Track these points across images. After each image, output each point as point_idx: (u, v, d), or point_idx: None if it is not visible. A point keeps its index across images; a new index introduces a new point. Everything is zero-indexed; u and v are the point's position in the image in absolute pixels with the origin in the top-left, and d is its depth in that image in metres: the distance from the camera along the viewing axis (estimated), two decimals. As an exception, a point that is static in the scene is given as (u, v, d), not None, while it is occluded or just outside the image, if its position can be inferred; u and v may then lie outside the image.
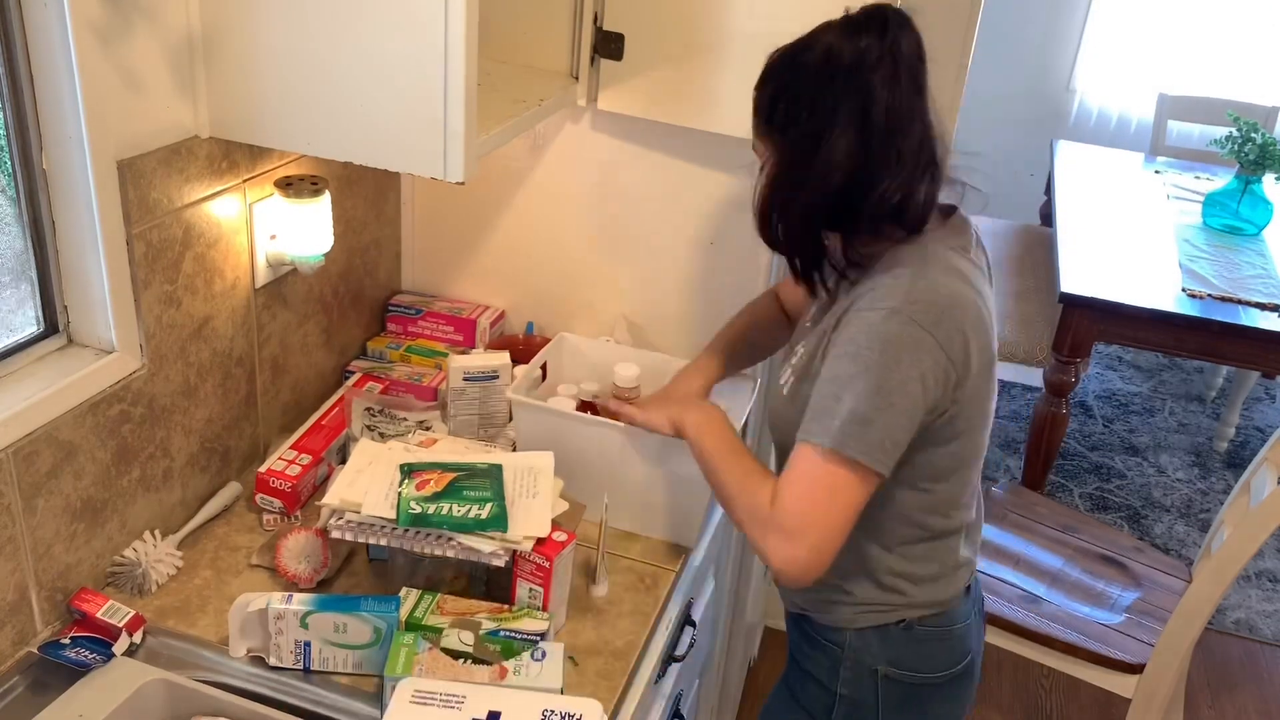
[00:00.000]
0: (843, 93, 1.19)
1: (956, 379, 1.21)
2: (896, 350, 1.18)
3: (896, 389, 1.18)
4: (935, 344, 1.18)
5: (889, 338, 1.18)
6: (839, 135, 1.19)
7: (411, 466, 1.37)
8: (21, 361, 1.28)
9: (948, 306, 1.20)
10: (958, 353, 1.20)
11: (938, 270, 1.23)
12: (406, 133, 1.30)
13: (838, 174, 1.20)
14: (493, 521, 1.31)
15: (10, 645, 1.25)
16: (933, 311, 1.19)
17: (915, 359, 1.18)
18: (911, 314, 1.18)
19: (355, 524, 1.31)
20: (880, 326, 1.19)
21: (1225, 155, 3.23)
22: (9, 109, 1.21)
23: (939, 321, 1.19)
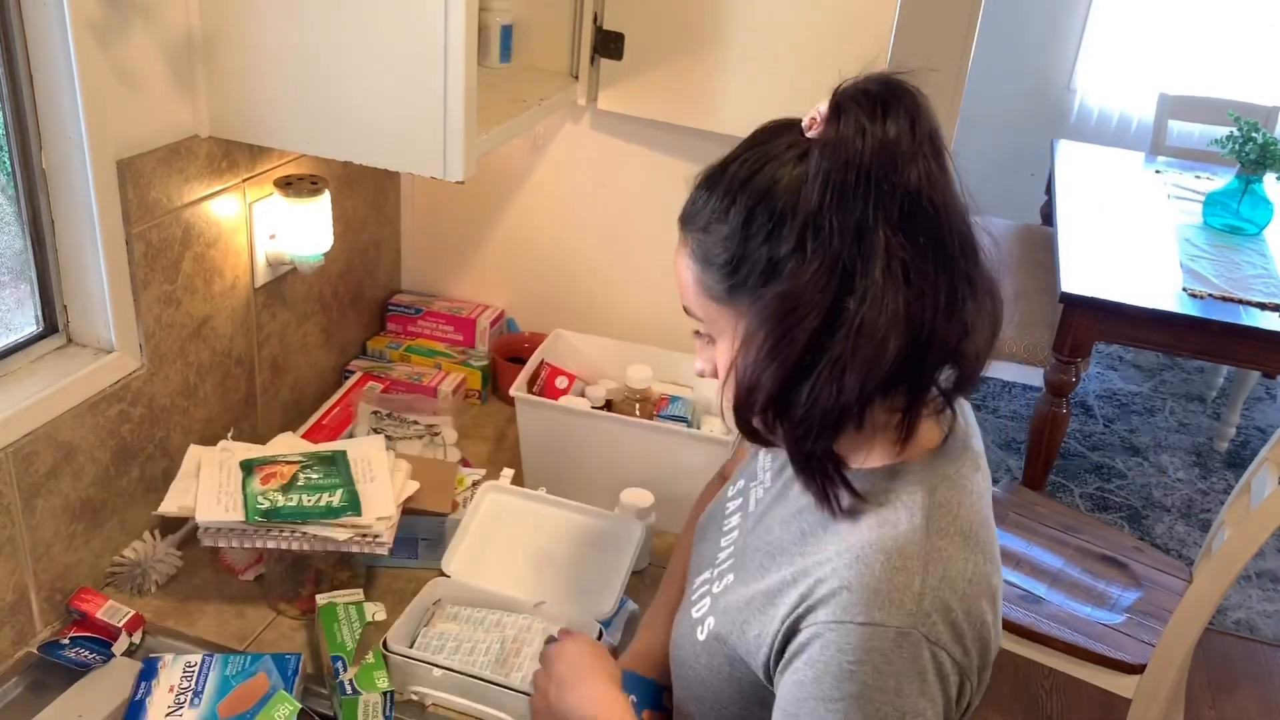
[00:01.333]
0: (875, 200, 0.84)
1: (970, 684, 0.89)
2: (918, 685, 0.84)
3: None
4: (955, 666, 0.86)
5: (904, 677, 0.84)
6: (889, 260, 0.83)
7: (253, 462, 1.36)
8: (21, 361, 1.28)
9: (967, 606, 0.87)
10: (975, 658, 0.89)
11: (950, 540, 0.89)
12: (406, 132, 1.30)
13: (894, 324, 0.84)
14: (346, 506, 1.30)
15: (10, 645, 1.25)
16: (954, 618, 0.86)
17: (937, 690, 0.85)
18: (932, 634, 0.84)
19: (214, 529, 1.28)
20: (893, 660, 0.84)
21: (1226, 155, 3.23)
22: (9, 109, 1.21)
23: (962, 632, 0.86)
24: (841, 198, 0.84)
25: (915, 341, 0.85)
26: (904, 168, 0.84)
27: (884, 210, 0.84)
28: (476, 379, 1.88)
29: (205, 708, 1.21)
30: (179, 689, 1.23)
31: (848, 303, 0.84)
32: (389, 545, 1.31)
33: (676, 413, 1.63)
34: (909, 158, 0.84)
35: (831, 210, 0.84)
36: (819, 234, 0.84)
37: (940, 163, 0.86)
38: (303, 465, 1.37)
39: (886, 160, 0.83)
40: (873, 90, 0.85)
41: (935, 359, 0.88)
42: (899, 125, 0.84)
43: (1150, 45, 4.41)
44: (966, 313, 0.89)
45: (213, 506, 1.29)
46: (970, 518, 0.91)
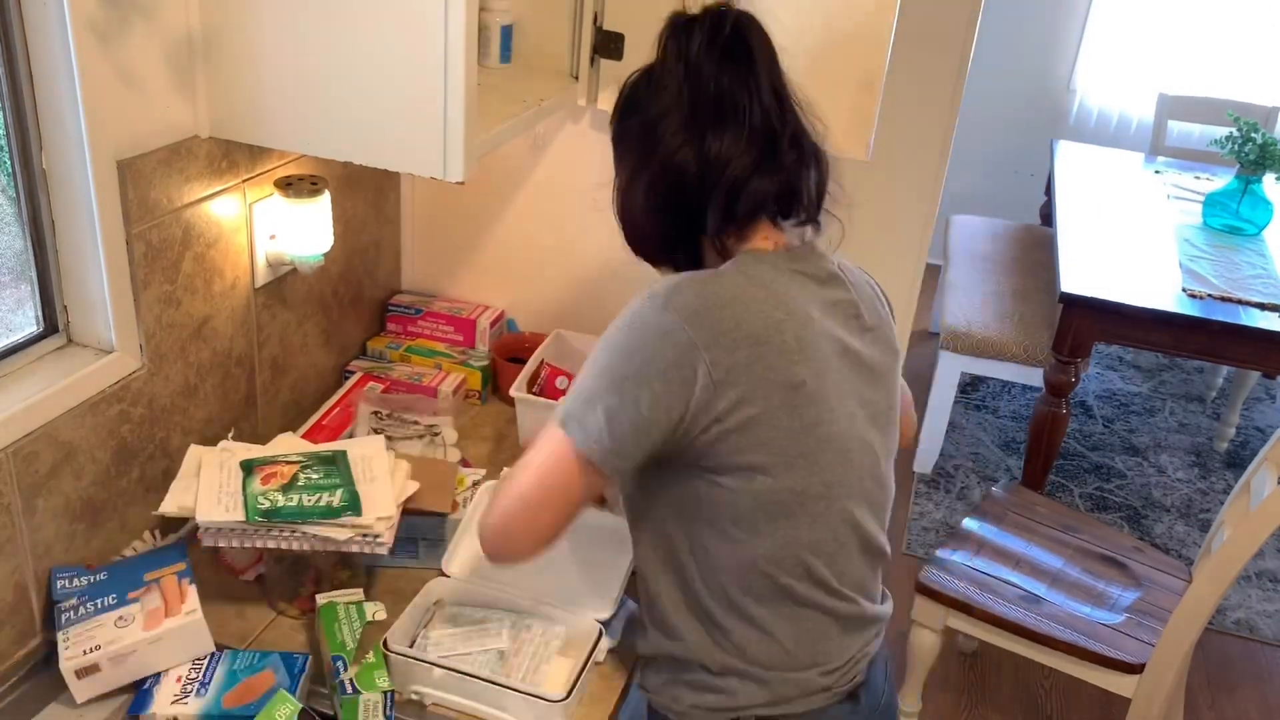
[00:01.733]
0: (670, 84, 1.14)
1: (715, 384, 1.06)
2: (642, 334, 1.08)
3: (629, 375, 1.07)
4: (689, 340, 1.06)
5: (639, 321, 1.09)
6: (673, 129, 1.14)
7: (253, 462, 1.37)
8: (21, 361, 1.28)
9: (716, 304, 1.09)
10: (720, 354, 1.06)
11: (730, 275, 1.13)
12: (406, 133, 1.30)
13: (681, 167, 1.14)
14: (345, 507, 1.31)
15: (10, 645, 1.25)
16: (697, 303, 1.08)
17: (660, 349, 1.07)
18: (672, 302, 1.08)
19: (214, 529, 1.29)
20: (637, 308, 1.10)
21: (1225, 155, 3.23)
22: (9, 109, 1.21)
23: (701, 315, 1.08)
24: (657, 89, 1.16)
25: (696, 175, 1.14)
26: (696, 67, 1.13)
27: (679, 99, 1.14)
28: (476, 379, 1.88)
29: (210, 698, 1.21)
30: (186, 679, 1.23)
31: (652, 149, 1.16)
32: (389, 545, 1.31)
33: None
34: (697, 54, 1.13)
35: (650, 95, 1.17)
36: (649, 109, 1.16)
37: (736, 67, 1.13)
38: (303, 465, 1.37)
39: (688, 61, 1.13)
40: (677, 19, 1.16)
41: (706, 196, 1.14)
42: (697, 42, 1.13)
43: (1150, 45, 4.42)
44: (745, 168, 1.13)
45: (213, 506, 1.29)
46: (767, 277, 1.14)
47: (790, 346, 1.09)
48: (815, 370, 1.11)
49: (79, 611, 1.25)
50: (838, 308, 1.18)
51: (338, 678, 1.21)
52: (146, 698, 1.21)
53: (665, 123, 1.14)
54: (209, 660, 1.26)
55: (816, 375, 1.11)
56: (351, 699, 1.19)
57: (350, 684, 1.20)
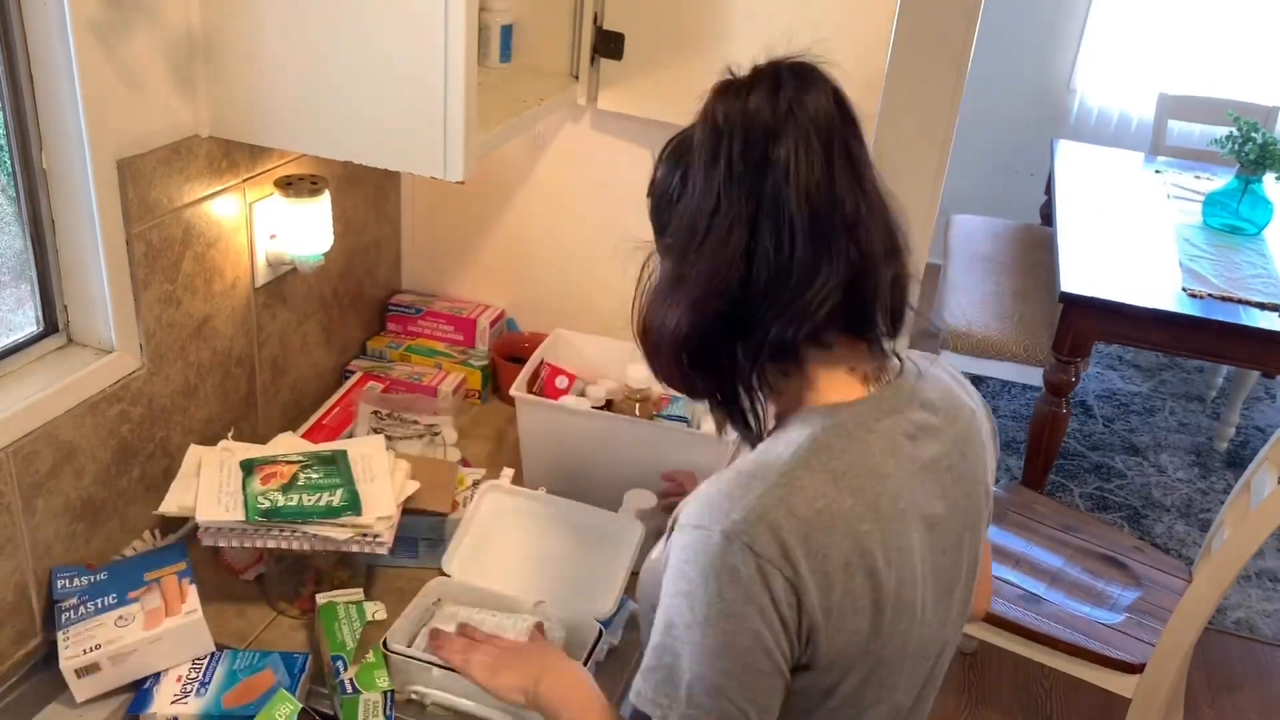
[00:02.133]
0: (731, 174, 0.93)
1: (813, 626, 0.92)
2: (740, 599, 0.89)
3: (749, 647, 0.90)
4: (788, 586, 0.90)
5: (729, 580, 0.89)
6: (730, 226, 0.93)
7: (253, 462, 1.37)
8: (21, 361, 1.28)
9: (806, 534, 0.90)
10: (815, 594, 0.90)
11: (814, 475, 0.93)
12: (406, 132, 1.30)
13: (730, 273, 0.93)
14: (345, 506, 1.30)
15: (10, 645, 1.25)
16: (780, 538, 0.89)
17: (762, 607, 0.89)
18: (756, 544, 0.89)
19: (214, 529, 1.29)
20: (714, 558, 0.90)
21: (1225, 155, 3.23)
22: (9, 109, 1.21)
23: (789, 554, 0.89)
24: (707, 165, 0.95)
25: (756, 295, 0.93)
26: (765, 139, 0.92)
27: (741, 177, 0.93)
28: (476, 379, 1.88)
29: (210, 698, 1.21)
30: (186, 679, 1.23)
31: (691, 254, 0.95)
32: (389, 545, 1.32)
33: (677, 412, 1.63)
34: (772, 131, 0.92)
35: (699, 176, 0.95)
36: (680, 194, 0.97)
37: (806, 139, 0.92)
38: (303, 465, 1.37)
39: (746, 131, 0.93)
40: (736, 76, 0.97)
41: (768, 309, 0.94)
42: (759, 100, 0.93)
43: (1150, 45, 4.41)
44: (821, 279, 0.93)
45: (213, 506, 1.29)
46: (854, 464, 0.94)
47: (879, 566, 0.93)
48: (902, 578, 0.96)
49: (79, 611, 1.25)
50: (929, 470, 1.00)
51: (338, 677, 1.21)
52: (146, 697, 1.21)
53: (719, 210, 0.94)
54: (209, 660, 1.26)
55: (902, 583, 0.96)
56: (351, 699, 1.19)
57: (350, 684, 1.20)
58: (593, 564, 1.43)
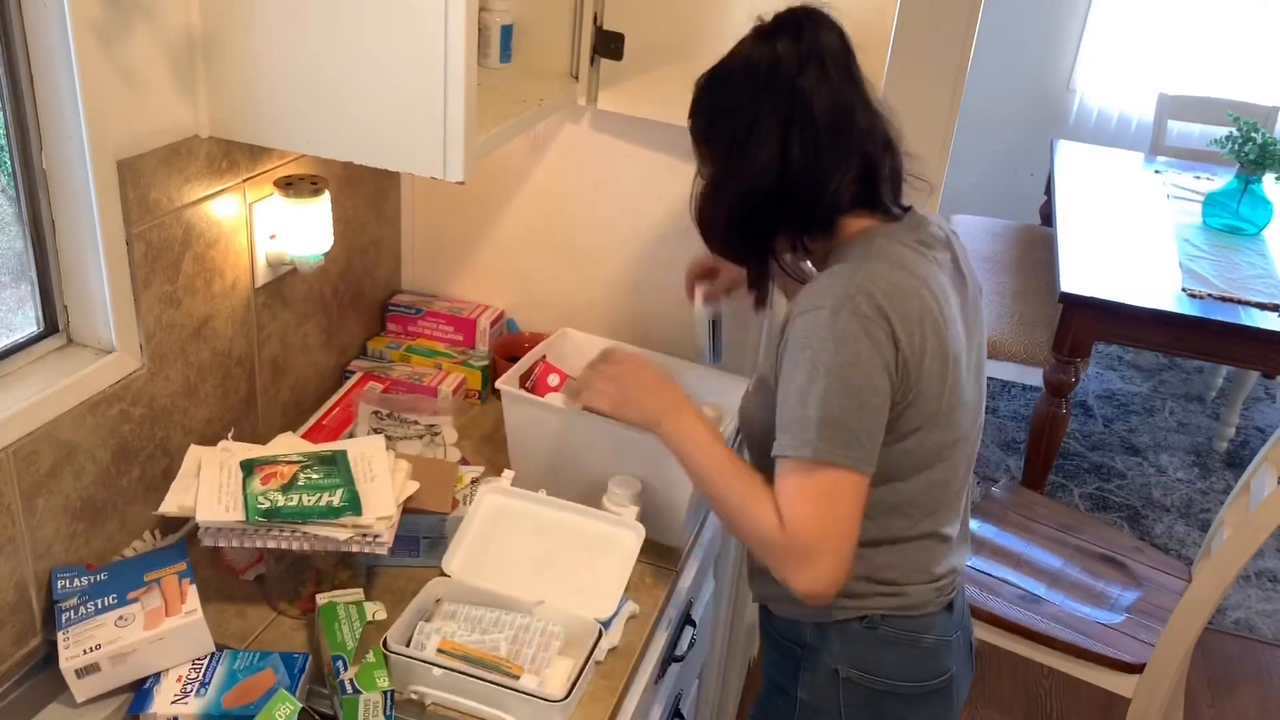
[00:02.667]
0: (766, 98, 1.22)
1: (908, 368, 1.19)
2: (852, 345, 1.16)
3: (861, 385, 1.17)
4: (886, 333, 1.17)
5: (840, 335, 1.17)
6: (766, 139, 1.22)
7: (253, 462, 1.36)
8: (21, 361, 1.28)
9: (890, 295, 1.19)
10: (906, 341, 1.18)
11: (879, 263, 1.22)
12: (406, 133, 1.30)
13: (767, 175, 1.22)
14: (346, 507, 1.30)
15: (10, 645, 1.25)
16: (874, 300, 1.18)
17: (872, 350, 1.17)
18: (855, 307, 1.17)
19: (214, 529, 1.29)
20: (829, 325, 1.17)
21: (1225, 155, 3.23)
22: (9, 109, 1.21)
23: (883, 310, 1.17)
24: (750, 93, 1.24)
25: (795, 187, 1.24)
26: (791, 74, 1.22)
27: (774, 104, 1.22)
28: (476, 379, 1.88)
29: (211, 698, 1.21)
30: (186, 679, 1.23)
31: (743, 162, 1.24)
32: (389, 545, 1.32)
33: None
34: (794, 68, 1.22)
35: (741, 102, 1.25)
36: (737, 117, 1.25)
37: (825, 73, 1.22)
38: (303, 465, 1.37)
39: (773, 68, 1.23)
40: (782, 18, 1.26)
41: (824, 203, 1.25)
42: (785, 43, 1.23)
43: (1150, 45, 4.42)
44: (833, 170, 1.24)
45: (213, 506, 1.29)
46: (904, 257, 1.24)
47: (940, 325, 1.22)
48: (956, 341, 1.25)
49: (79, 611, 1.25)
50: (954, 272, 1.30)
51: (338, 678, 1.21)
52: (146, 697, 1.21)
53: (757, 126, 1.22)
54: (209, 660, 1.26)
55: (956, 345, 1.25)
56: (351, 699, 1.19)
57: (350, 684, 1.20)
58: (593, 565, 1.42)
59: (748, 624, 2.35)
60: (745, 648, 2.42)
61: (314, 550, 1.31)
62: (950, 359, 1.23)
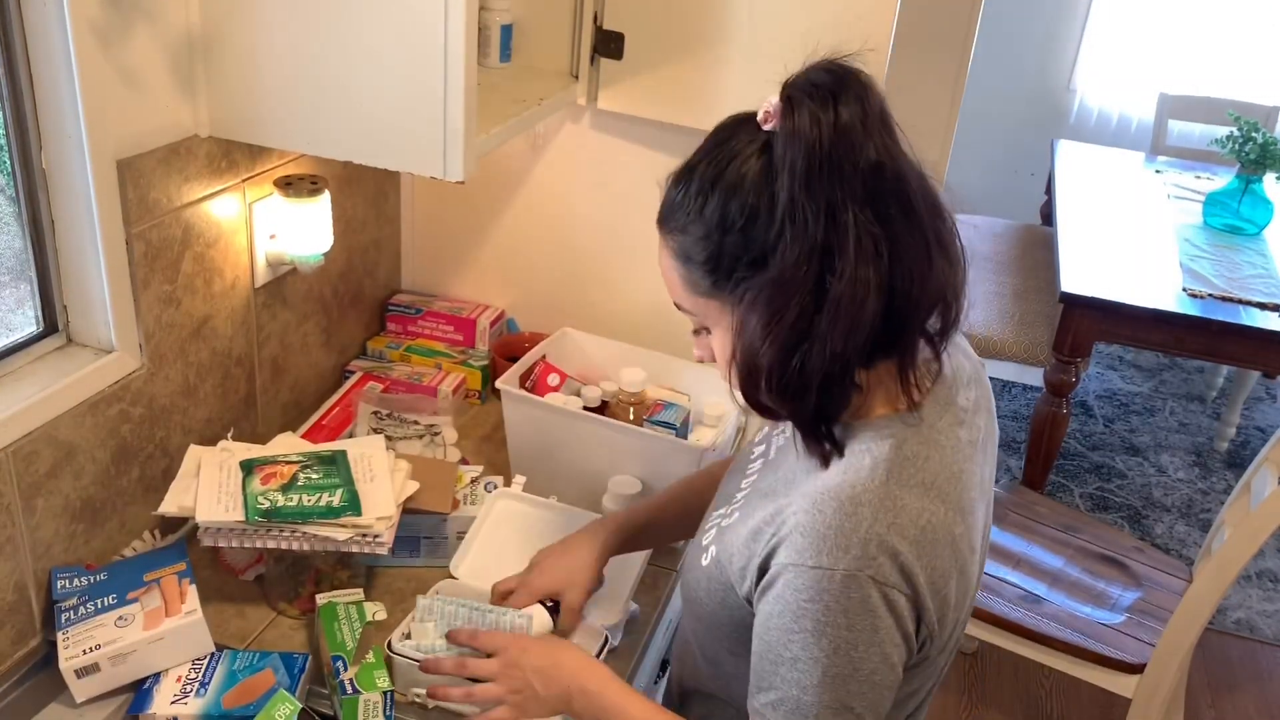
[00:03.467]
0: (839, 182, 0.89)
1: (928, 631, 0.97)
2: (868, 620, 0.92)
3: (875, 665, 0.93)
4: (909, 599, 0.93)
5: (855, 609, 0.92)
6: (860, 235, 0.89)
7: (253, 462, 1.36)
8: (21, 361, 1.28)
9: (919, 548, 0.93)
10: (931, 602, 0.95)
11: (910, 492, 0.94)
12: (406, 132, 1.30)
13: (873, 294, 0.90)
14: (346, 506, 1.30)
15: (10, 645, 1.25)
16: (899, 560, 0.92)
17: (891, 624, 0.93)
18: (876, 572, 0.91)
19: (214, 529, 1.28)
20: (841, 594, 0.91)
21: (1226, 155, 3.23)
22: (9, 109, 1.21)
23: (909, 573, 0.93)
24: (809, 185, 0.89)
25: (891, 305, 0.92)
26: (861, 147, 0.90)
27: (849, 190, 0.90)
28: (476, 379, 1.88)
29: (210, 698, 1.21)
30: (186, 679, 1.23)
31: (828, 281, 0.90)
32: (389, 545, 1.31)
33: (667, 419, 1.62)
34: (864, 137, 0.90)
35: (801, 198, 0.90)
36: (794, 222, 0.90)
37: (892, 135, 0.93)
38: (303, 465, 1.37)
39: (845, 143, 0.89)
40: (820, 80, 0.92)
41: (915, 317, 0.95)
42: (850, 109, 0.90)
43: (1150, 45, 4.41)
44: (937, 270, 0.94)
45: (213, 506, 1.29)
46: (937, 471, 0.97)
47: (968, 563, 0.99)
48: (978, 557, 1.03)
49: (79, 611, 1.25)
50: (980, 448, 1.05)
51: (338, 678, 1.21)
52: (146, 698, 1.21)
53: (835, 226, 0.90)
54: (209, 660, 1.26)
55: (974, 553, 1.02)
56: (351, 699, 1.19)
57: (350, 684, 1.20)
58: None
59: (748, 624, 2.34)
60: (745, 648, 2.41)
61: (314, 550, 1.31)
62: (971, 591, 1.03)
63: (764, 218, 0.92)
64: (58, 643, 1.22)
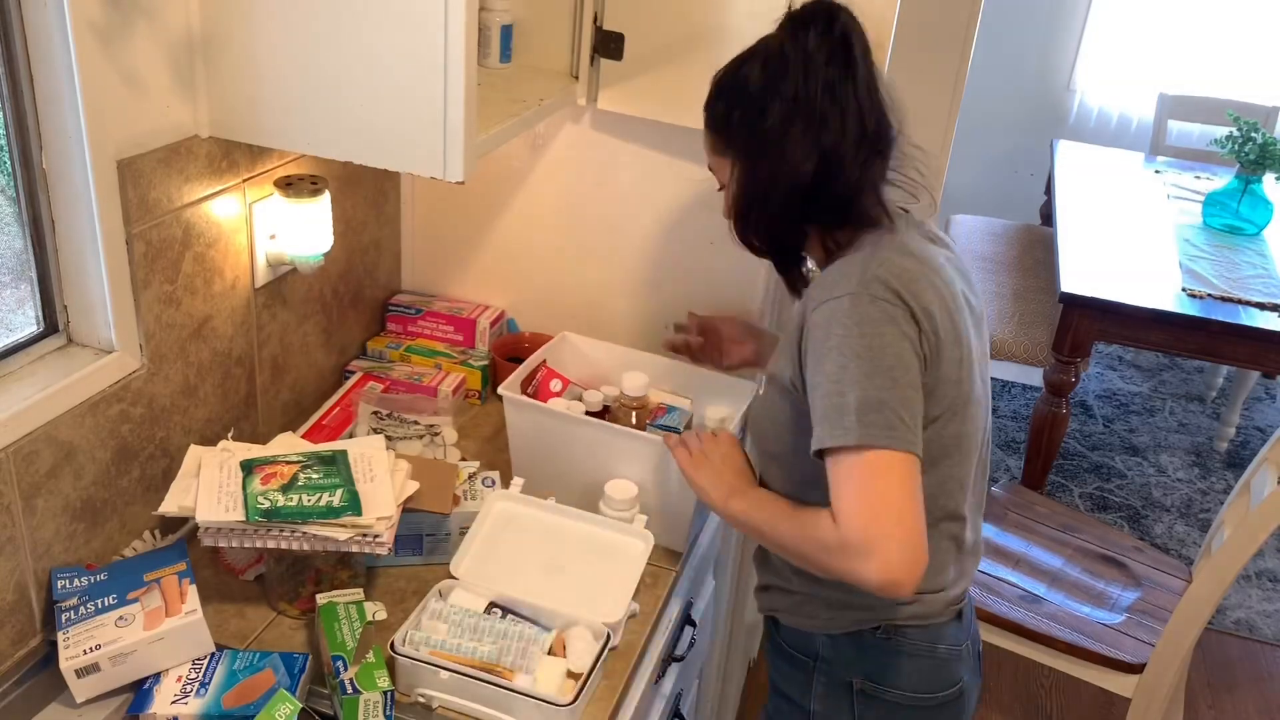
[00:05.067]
0: (804, 85, 1.21)
1: (930, 349, 1.20)
2: (876, 327, 1.16)
3: (893, 364, 1.16)
4: (905, 314, 1.18)
5: (862, 319, 1.17)
6: (800, 128, 1.22)
7: (253, 462, 1.36)
8: (21, 361, 1.28)
9: (903, 279, 1.19)
10: (926, 322, 1.19)
11: (888, 251, 1.23)
12: (406, 133, 1.30)
13: (806, 165, 1.22)
14: (346, 506, 1.30)
15: (10, 645, 1.25)
16: (889, 285, 1.18)
17: (896, 331, 1.17)
18: (872, 292, 1.18)
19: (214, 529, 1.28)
20: (850, 311, 1.17)
21: (1225, 155, 3.23)
22: (9, 109, 1.21)
23: (899, 294, 1.18)
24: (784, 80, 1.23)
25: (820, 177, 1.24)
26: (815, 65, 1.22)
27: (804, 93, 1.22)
28: (476, 379, 1.88)
29: (211, 698, 1.21)
30: (186, 679, 1.23)
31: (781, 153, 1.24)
32: (389, 545, 1.31)
33: (670, 423, 1.62)
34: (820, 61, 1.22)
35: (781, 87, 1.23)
36: (772, 104, 1.23)
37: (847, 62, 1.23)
38: (303, 465, 1.37)
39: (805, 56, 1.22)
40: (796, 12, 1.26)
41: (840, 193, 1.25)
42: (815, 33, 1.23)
43: (1150, 45, 4.42)
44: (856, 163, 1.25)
45: (213, 506, 1.29)
46: (907, 247, 1.25)
47: (953, 310, 1.23)
48: (964, 322, 1.25)
49: (79, 611, 1.25)
50: (956, 266, 1.31)
51: (338, 678, 1.21)
52: (146, 698, 1.21)
53: (786, 120, 1.22)
54: (209, 660, 1.26)
55: (966, 336, 1.25)
56: (351, 699, 1.19)
57: (350, 684, 1.20)
58: (601, 571, 1.42)
59: (748, 624, 2.35)
60: (745, 648, 2.42)
61: (314, 550, 1.31)
62: (964, 345, 1.24)
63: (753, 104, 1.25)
64: (58, 643, 1.22)
